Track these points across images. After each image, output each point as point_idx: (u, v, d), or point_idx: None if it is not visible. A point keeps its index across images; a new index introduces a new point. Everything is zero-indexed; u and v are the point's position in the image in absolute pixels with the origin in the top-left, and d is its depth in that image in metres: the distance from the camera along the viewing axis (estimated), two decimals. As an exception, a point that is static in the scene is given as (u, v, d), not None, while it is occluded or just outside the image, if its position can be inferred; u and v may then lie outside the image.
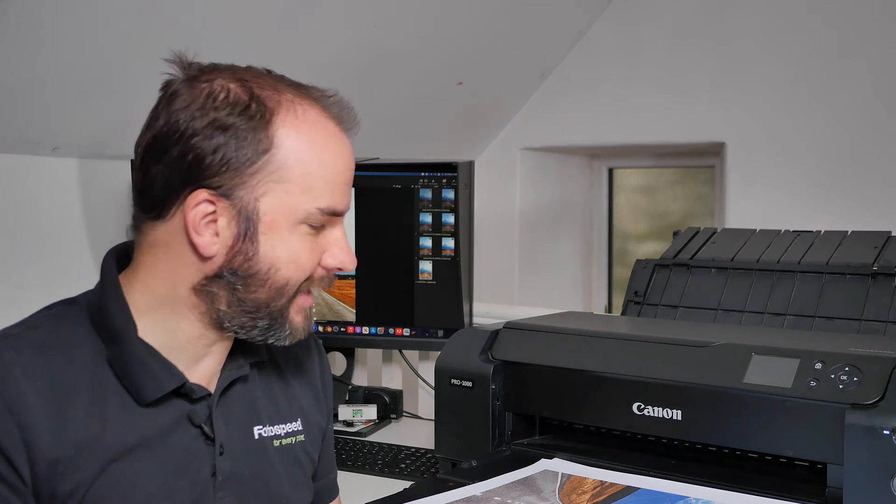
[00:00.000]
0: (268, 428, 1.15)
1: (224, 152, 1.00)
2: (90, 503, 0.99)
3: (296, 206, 1.04)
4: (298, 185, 1.03)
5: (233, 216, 1.02)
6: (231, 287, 1.04)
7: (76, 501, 0.99)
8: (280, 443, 1.16)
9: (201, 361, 1.09)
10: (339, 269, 1.09)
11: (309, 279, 1.08)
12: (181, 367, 1.07)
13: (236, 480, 1.09)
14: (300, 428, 1.19)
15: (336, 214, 1.08)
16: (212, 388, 1.10)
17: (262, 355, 1.17)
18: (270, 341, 1.09)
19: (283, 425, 1.17)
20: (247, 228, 1.03)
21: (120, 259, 1.10)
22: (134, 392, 1.04)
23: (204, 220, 1.02)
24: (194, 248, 1.03)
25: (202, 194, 1.01)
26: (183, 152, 1.01)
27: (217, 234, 1.03)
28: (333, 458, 1.32)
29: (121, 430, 1.02)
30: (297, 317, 1.09)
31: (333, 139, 1.07)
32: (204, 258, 1.03)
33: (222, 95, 1.02)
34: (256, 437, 1.13)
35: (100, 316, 1.05)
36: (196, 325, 1.07)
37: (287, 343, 1.10)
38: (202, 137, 1.00)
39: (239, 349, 1.14)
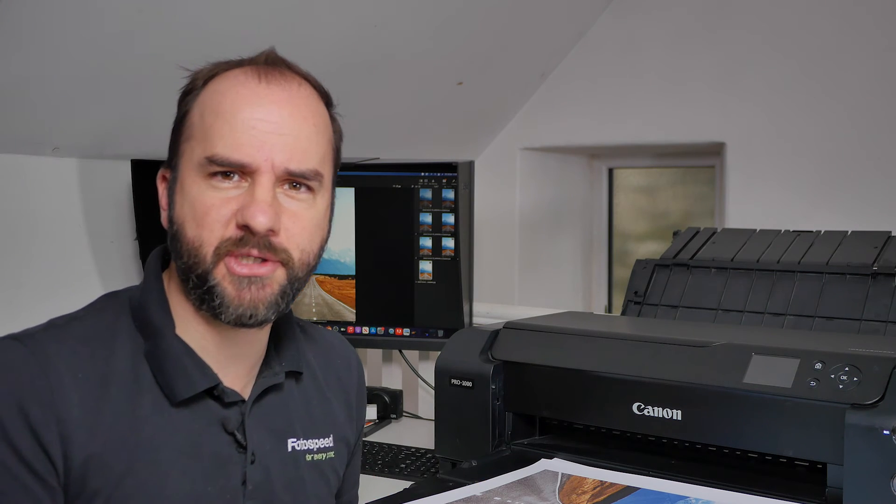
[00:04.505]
0: (302, 441, 1.13)
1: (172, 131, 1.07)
2: (117, 502, 0.98)
3: (194, 158, 1.01)
4: (198, 139, 1.02)
5: (167, 185, 1.06)
6: (174, 259, 1.05)
7: (103, 499, 0.97)
8: (312, 458, 1.14)
9: (233, 365, 1.07)
10: (248, 227, 0.99)
11: (228, 240, 1.00)
12: (215, 369, 1.05)
13: (266, 491, 1.07)
14: (331, 444, 1.17)
15: (235, 166, 1.00)
16: (246, 396, 1.08)
17: (298, 366, 1.14)
18: (218, 316, 1.02)
19: (317, 440, 1.15)
20: (169, 191, 1.05)
21: (167, 259, 1.09)
22: (167, 389, 1.02)
23: (162, 196, 1.07)
24: None
25: (161, 172, 1.07)
26: None
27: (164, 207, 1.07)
28: (358, 475, 1.29)
29: (152, 430, 1.00)
30: (228, 286, 1.00)
31: (244, 90, 1.02)
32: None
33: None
34: (290, 449, 1.11)
35: (140, 311, 1.05)
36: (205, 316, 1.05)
37: (226, 318, 1.01)
38: None
39: (275, 357, 1.12)
